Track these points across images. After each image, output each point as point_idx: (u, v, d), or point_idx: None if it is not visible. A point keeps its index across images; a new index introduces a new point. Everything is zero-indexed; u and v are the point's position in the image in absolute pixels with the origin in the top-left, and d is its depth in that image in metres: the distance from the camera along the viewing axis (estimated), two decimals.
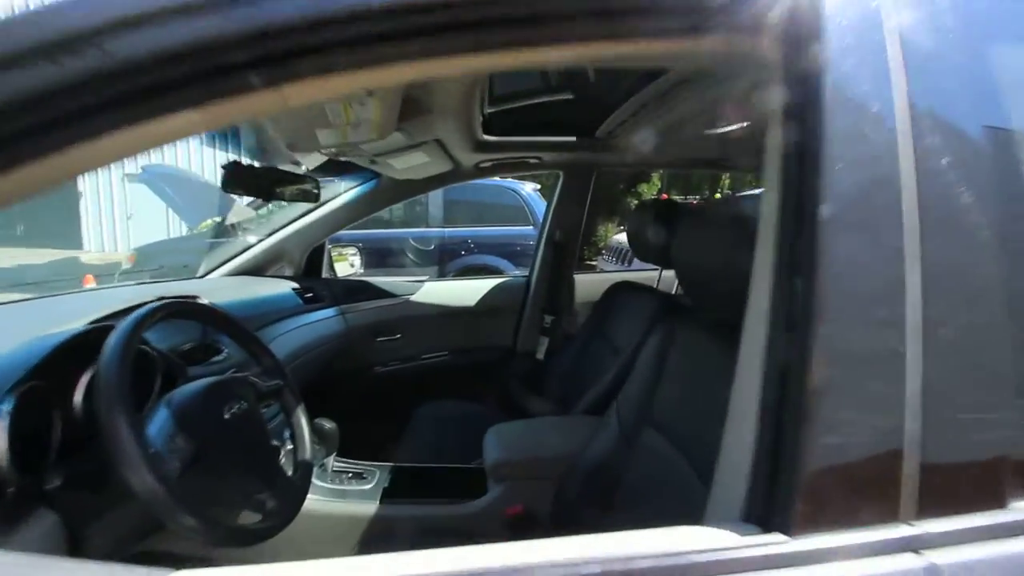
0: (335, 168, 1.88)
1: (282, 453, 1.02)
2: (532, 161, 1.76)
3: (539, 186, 5.54)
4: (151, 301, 0.80)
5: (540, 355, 1.99)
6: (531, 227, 4.83)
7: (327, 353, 1.79)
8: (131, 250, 5.40)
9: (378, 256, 5.00)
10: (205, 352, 1.16)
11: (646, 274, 2.18)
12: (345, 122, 0.90)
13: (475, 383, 2.06)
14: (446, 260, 5.14)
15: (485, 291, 2.07)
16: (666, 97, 1.19)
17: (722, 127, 1.35)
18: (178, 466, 0.66)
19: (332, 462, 1.24)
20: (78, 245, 9.24)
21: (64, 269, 6.81)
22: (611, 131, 1.50)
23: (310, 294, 1.82)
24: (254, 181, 1.14)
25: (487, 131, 1.52)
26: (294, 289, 1.77)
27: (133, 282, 2.45)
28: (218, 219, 1.82)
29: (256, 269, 1.86)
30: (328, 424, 1.23)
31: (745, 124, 1.30)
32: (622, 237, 5.32)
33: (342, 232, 2.14)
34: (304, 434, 0.94)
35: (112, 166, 0.46)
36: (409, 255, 5.13)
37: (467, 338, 2.05)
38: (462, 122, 1.26)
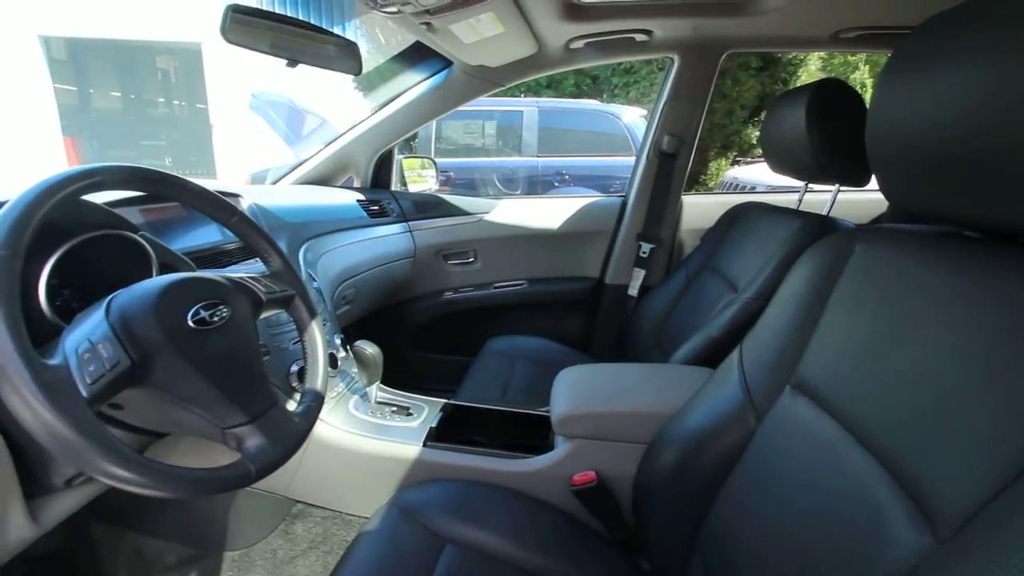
0: (404, 60, 1.64)
1: (291, 379, 0.85)
2: (639, 38, 1.36)
3: (644, 112, 4.87)
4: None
5: (633, 291, 1.67)
6: (633, 159, 4.31)
7: (391, 273, 1.62)
8: (247, 176, 5.73)
9: (466, 187, 4.82)
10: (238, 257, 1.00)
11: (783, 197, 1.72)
12: None
13: (554, 318, 1.80)
14: (539, 192, 4.82)
15: (572, 212, 1.75)
16: None
17: None
18: (101, 389, 0.48)
19: (375, 392, 1.07)
20: (213, 176, 10.24)
21: None
22: None
23: (376, 207, 1.65)
24: (262, 33, 0.91)
25: None
26: (359, 201, 1.60)
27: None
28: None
29: (322, 179, 1.71)
30: (370, 348, 1.05)
31: None
32: (739, 172, 4.61)
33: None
34: (318, 359, 0.74)
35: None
36: (499, 186, 4.87)
37: (548, 266, 1.78)
38: None
